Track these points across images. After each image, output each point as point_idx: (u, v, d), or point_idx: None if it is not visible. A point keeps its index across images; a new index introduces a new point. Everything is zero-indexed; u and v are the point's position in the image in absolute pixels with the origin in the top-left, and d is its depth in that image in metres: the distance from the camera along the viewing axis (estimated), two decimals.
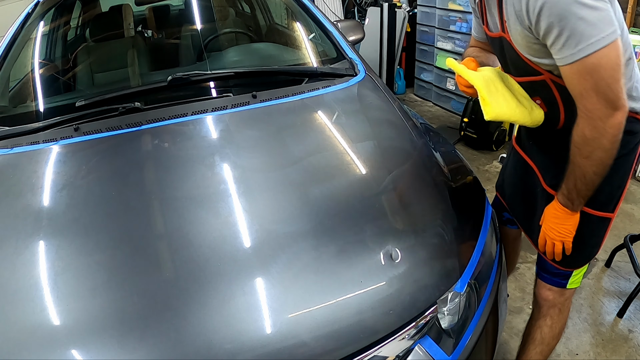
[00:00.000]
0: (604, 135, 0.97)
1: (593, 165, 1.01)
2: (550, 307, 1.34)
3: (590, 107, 0.96)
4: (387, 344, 0.94)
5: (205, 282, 0.95)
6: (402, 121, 1.48)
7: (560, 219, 1.13)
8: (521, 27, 1.01)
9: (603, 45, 0.90)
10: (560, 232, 1.15)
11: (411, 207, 1.18)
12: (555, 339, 1.39)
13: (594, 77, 0.93)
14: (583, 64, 0.93)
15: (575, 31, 0.90)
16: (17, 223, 1.11)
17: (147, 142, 1.35)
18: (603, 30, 0.90)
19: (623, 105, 0.95)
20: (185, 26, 2.27)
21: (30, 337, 0.89)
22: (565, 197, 1.10)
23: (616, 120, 0.95)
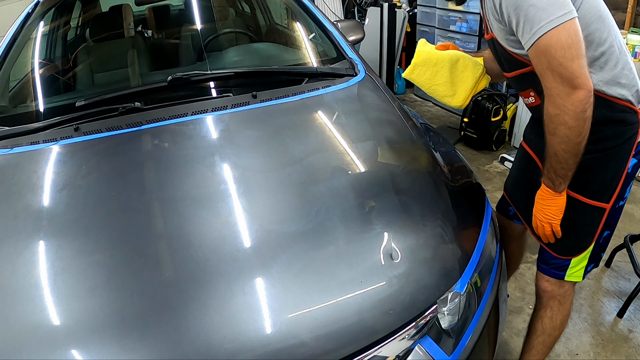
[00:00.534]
0: (566, 112, 1.02)
1: (561, 142, 1.06)
2: (549, 299, 1.37)
3: (549, 85, 1.03)
4: (387, 344, 0.94)
5: (205, 282, 0.95)
6: (402, 121, 1.48)
7: (545, 200, 1.17)
8: (496, 22, 1.12)
9: (552, 27, 0.98)
10: (547, 214, 1.19)
11: (411, 207, 1.18)
12: (557, 329, 1.41)
13: (547, 56, 1.01)
14: (537, 45, 1.01)
15: (528, 17, 1.00)
16: (17, 223, 1.11)
17: (147, 142, 1.35)
18: (552, 13, 0.98)
19: (583, 84, 1.00)
20: (185, 26, 2.27)
21: (30, 337, 0.89)
22: (546, 177, 1.15)
23: (577, 98, 1.00)
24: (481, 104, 3.34)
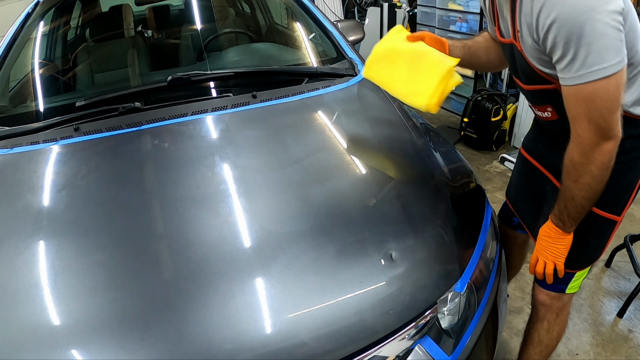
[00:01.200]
0: (593, 162, 0.97)
1: (582, 189, 1.02)
2: (547, 311, 1.33)
3: (581, 132, 0.96)
4: (387, 344, 0.94)
5: (205, 282, 0.95)
6: (402, 121, 1.48)
7: (552, 239, 1.13)
8: (532, 39, 1.00)
9: (603, 75, 0.89)
10: (552, 253, 1.14)
11: (411, 207, 1.18)
12: (554, 340, 1.39)
13: (589, 105, 0.92)
14: (580, 89, 0.92)
15: (578, 56, 0.89)
16: (17, 223, 1.11)
17: (147, 142, 1.35)
18: (607, 59, 0.88)
19: (615, 136, 0.95)
20: (185, 26, 2.27)
21: (30, 337, 0.88)
22: (557, 217, 1.10)
23: (606, 149, 0.95)
24: (481, 104, 3.34)
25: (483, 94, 3.38)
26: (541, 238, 1.16)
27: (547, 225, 1.14)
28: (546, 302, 1.31)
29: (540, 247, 1.17)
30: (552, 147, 1.23)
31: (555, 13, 0.89)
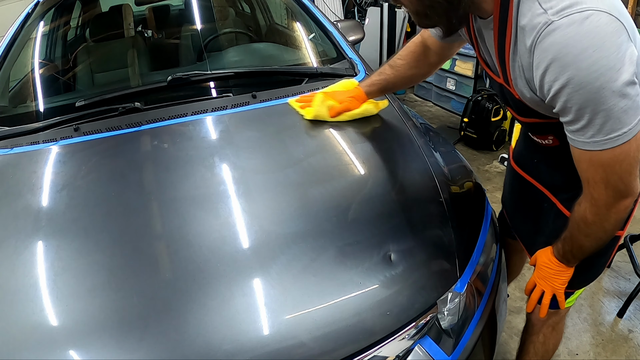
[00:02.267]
0: (607, 220, 0.92)
1: (592, 241, 0.98)
2: (543, 325, 1.31)
3: (597, 196, 0.89)
4: (387, 344, 0.93)
5: (205, 283, 0.95)
6: (402, 121, 1.48)
7: (554, 270, 1.08)
8: (531, 93, 0.89)
9: (623, 141, 0.79)
10: (553, 284, 1.10)
11: (411, 207, 1.18)
12: (550, 352, 1.37)
13: (606, 170, 0.84)
14: (596, 155, 0.83)
15: (594, 123, 0.79)
16: (17, 223, 1.11)
17: (147, 143, 1.35)
18: (627, 123, 0.78)
19: (634, 193, 0.88)
20: (185, 26, 2.27)
21: (30, 337, 0.88)
22: (560, 255, 1.06)
23: (622, 206, 0.90)
24: (481, 104, 3.34)
25: (483, 94, 3.38)
26: (541, 267, 1.10)
27: (548, 257, 1.08)
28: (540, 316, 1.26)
29: (540, 275, 1.11)
30: (551, 166, 1.17)
31: (566, 77, 0.76)
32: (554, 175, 1.16)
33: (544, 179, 1.20)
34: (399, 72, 1.35)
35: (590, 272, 1.19)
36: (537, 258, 1.13)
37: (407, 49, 1.33)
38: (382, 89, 1.41)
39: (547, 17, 0.76)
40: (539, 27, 0.77)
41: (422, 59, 1.32)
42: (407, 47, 1.33)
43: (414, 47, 1.31)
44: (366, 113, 1.43)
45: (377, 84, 1.40)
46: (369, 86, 1.42)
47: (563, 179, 1.13)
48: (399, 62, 1.34)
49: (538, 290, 1.13)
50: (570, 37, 0.74)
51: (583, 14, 0.73)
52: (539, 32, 0.77)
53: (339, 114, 1.39)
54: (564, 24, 0.74)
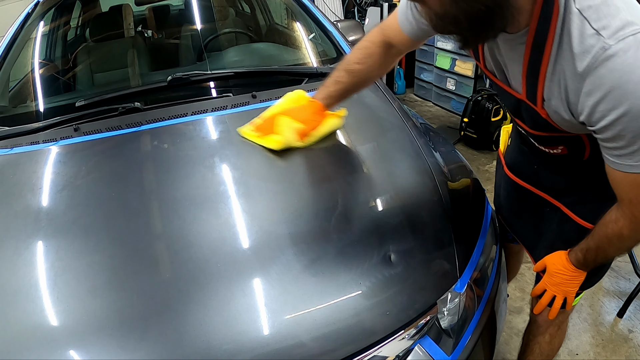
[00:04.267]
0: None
1: (621, 252, 0.99)
2: (549, 326, 1.30)
3: (638, 214, 0.88)
4: (387, 344, 0.93)
5: (205, 283, 0.95)
6: (402, 121, 1.48)
7: (568, 276, 1.07)
8: (569, 116, 0.85)
9: None
10: (565, 289, 1.09)
11: (411, 207, 1.18)
12: (554, 351, 1.37)
13: None
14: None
15: None
16: (17, 223, 1.11)
17: (147, 143, 1.35)
18: None
19: None
20: (185, 26, 2.27)
21: (30, 337, 0.89)
22: (581, 264, 1.04)
23: None
24: (481, 104, 3.34)
25: (483, 94, 3.38)
26: (554, 274, 1.09)
27: (563, 264, 1.07)
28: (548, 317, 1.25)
29: (553, 282, 1.10)
30: (553, 171, 1.16)
31: (626, 106, 0.73)
32: (556, 179, 1.15)
33: (544, 184, 1.19)
34: (358, 78, 1.24)
35: (600, 272, 1.19)
36: (548, 265, 1.11)
37: (365, 51, 1.21)
38: (341, 98, 1.30)
39: (603, 42, 0.71)
40: (595, 53, 0.72)
41: (384, 60, 1.22)
42: (364, 49, 1.21)
43: (374, 48, 1.19)
44: (333, 128, 1.32)
45: (336, 94, 1.28)
46: (327, 98, 1.28)
47: (566, 183, 1.13)
48: (358, 67, 1.22)
49: (549, 295, 1.12)
50: (629, 64, 0.70)
51: (637, 36, 0.70)
52: (595, 59, 0.72)
53: (306, 136, 1.27)
54: (621, 49, 0.70)
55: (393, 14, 1.14)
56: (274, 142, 1.25)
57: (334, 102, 1.30)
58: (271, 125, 1.27)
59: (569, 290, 1.09)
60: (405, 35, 1.12)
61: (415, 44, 1.17)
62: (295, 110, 1.29)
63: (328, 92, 1.28)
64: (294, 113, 1.28)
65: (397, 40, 1.16)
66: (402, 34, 1.12)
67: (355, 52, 1.22)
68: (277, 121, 1.26)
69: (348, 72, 1.23)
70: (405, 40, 1.14)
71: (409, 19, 1.07)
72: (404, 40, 1.14)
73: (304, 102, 1.31)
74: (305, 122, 1.26)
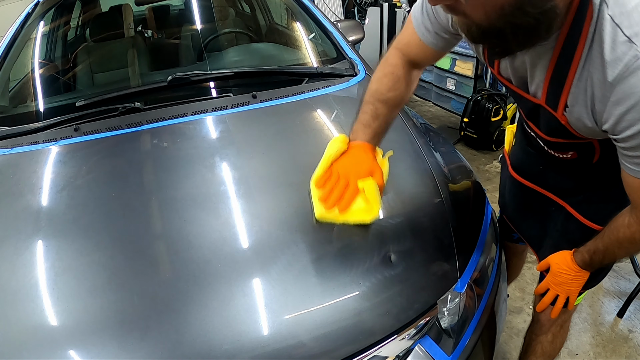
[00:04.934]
0: None
1: (629, 254, 1.00)
2: (552, 325, 1.30)
3: None
4: (387, 344, 0.94)
5: (205, 283, 0.95)
6: (402, 121, 1.48)
7: (572, 276, 1.08)
8: (592, 123, 0.84)
9: None
10: (569, 288, 1.09)
11: (411, 207, 1.18)
12: (557, 350, 1.37)
13: None
14: None
15: None
16: (17, 223, 1.11)
17: (147, 143, 1.35)
18: None
19: None
20: (185, 26, 2.27)
21: (30, 337, 0.89)
22: (587, 264, 1.05)
23: None
24: (481, 104, 3.34)
25: (483, 94, 3.38)
26: (558, 274, 1.09)
27: (566, 264, 1.07)
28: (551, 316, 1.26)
29: (556, 282, 1.10)
30: (560, 173, 1.15)
31: None
32: (562, 180, 1.15)
33: (550, 184, 1.19)
34: (395, 106, 1.15)
35: (602, 273, 1.20)
36: (552, 264, 1.11)
37: (392, 77, 1.12)
38: (385, 132, 1.17)
39: (636, 50, 0.70)
40: (627, 61, 0.71)
41: (412, 79, 1.15)
42: (390, 75, 1.12)
43: (400, 71, 1.12)
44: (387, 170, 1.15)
45: (380, 130, 1.14)
46: (375, 137, 1.14)
47: (573, 184, 1.13)
48: (392, 95, 1.12)
49: (552, 294, 1.13)
50: None
51: None
52: (627, 67, 0.71)
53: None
54: None
55: (406, 31, 1.08)
56: (366, 214, 1.05)
57: (381, 138, 1.16)
58: (340, 190, 1.07)
59: (571, 290, 1.10)
60: (429, 48, 1.06)
61: (440, 54, 1.10)
62: (354, 161, 1.10)
63: (373, 130, 1.13)
64: (355, 165, 1.09)
65: (420, 56, 1.10)
66: (424, 47, 1.06)
67: (383, 81, 1.13)
68: (352, 184, 1.07)
69: (384, 102, 1.12)
70: (429, 53, 1.08)
71: (429, 30, 1.01)
72: (427, 54, 1.08)
73: (345, 147, 1.13)
74: (372, 173, 1.09)
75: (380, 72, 1.13)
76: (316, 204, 1.07)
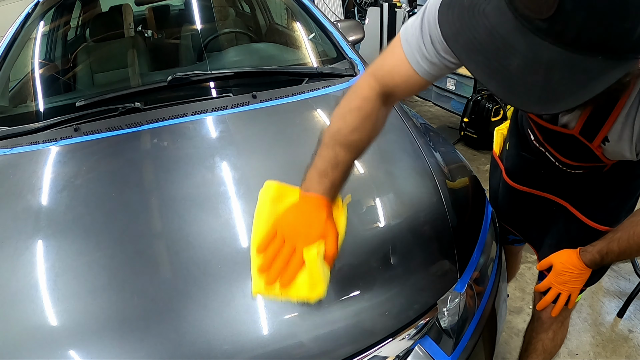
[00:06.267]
0: None
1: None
2: (553, 322, 1.31)
3: None
4: (387, 344, 0.94)
5: (205, 284, 0.95)
6: (402, 121, 1.48)
7: (576, 274, 1.09)
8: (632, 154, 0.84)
9: None
10: (572, 286, 1.11)
11: (410, 207, 1.18)
12: (557, 347, 1.37)
13: None
14: None
15: None
16: (17, 224, 1.11)
17: (147, 143, 1.35)
18: None
19: None
20: (185, 26, 2.27)
21: (30, 338, 0.89)
22: (596, 263, 1.05)
23: None
24: (481, 104, 3.34)
25: (483, 94, 3.38)
26: (562, 272, 1.10)
27: (572, 262, 1.08)
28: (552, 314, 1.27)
29: (560, 280, 1.11)
30: (561, 178, 1.15)
31: None
32: (564, 184, 1.15)
33: (551, 186, 1.19)
34: (358, 149, 0.94)
35: (603, 270, 1.20)
36: (555, 264, 1.12)
37: (359, 114, 0.90)
38: (344, 182, 0.95)
39: None
40: None
41: (383, 115, 0.94)
42: (357, 111, 0.90)
43: (370, 106, 0.91)
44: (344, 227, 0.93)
45: (339, 180, 0.92)
46: (332, 188, 0.91)
47: (575, 187, 1.13)
48: (356, 138, 0.91)
49: (554, 292, 1.14)
50: None
51: None
52: None
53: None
54: None
55: (391, 56, 0.88)
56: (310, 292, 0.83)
57: (339, 189, 0.94)
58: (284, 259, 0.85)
59: (574, 288, 1.11)
60: (419, 78, 0.86)
61: (426, 86, 0.90)
62: (304, 221, 0.87)
63: (331, 181, 0.90)
64: (305, 225, 0.86)
65: (402, 87, 0.89)
66: (414, 77, 0.86)
67: (347, 119, 0.90)
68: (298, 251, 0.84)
69: (346, 147, 0.90)
70: (415, 84, 0.88)
71: (427, 57, 0.82)
72: (413, 85, 0.88)
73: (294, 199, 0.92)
74: (325, 236, 0.85)
75: (345, 107, 0.92)
76: (255, 274, 0.85)
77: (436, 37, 0.79)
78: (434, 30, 0.79)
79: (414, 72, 0.85)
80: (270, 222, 0.89)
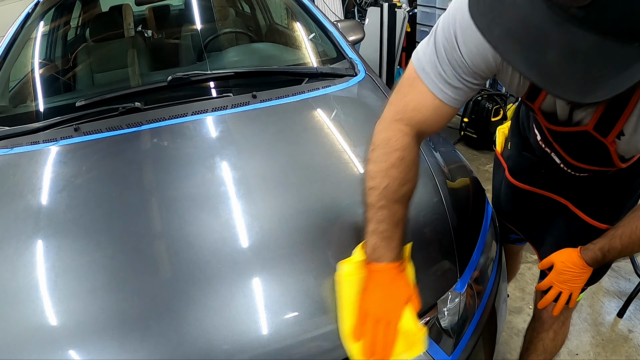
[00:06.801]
0: None
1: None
2: (554, 322, 1.31)
3: None
4: None
5: (205, 284, 0.95)
6: None
7: (577, 273, 1.09)
8: None
9: None
10: (573, 285, 1.11)
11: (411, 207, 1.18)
12: (558, 347, 1.37)
13: None
14: None
15: None
16: (17, 224, 1.11)
17: (147, 143, 1.35)
18: None
19: None
20: (185, 26, 2.27)
21: (30, 338, 0.88)
22: (597, 262, 1.05)
23: None
24: (481, 104, 3.34)
25: (483, 94, 3.38)
26: (563, 271, 1.11)
27: (573, 261, 1.08)
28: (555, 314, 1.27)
29: (561, 279, 1.12)
30: (563, 178, 1.15)
31: None
32: (565, 183, 1.15)
33: (552, 186, 1.19)
34: (410, 197, 0.95)
35: (604, 269, 1.20)
36: (557, 263, 1.12)
37: (404, 164, 0.89)
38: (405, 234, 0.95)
39: None
40: None
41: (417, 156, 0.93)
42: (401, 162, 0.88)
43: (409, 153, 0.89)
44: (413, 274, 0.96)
45: (402, 235, 0.93)
46: (399, 247, 0.92)
47: (576, 186, 1.13)
48: (406, 189, 0.91)
49: (555, 291, 1.14)
50: None
51: None
52: None
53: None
54: None
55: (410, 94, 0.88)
56: (410, 354, 0.86)
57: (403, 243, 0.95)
58: (383, 337, 0.86)
59: (575, 287, 1.11)
60: (447, 107, 0.86)
61: (455, 112, 0.91)
62: (387, 294, 0.89)
63: (397, 242, 0.91)
64: (390, 299, 0.88)
65: (432, 120, 0.89)
66: (442, 107, 0.86)
67: (392, 174, 0.88)
68: (393, 323, 0.86)
69: (399, 201, 0.90)
70: (446, 114, 0.88)
71: (450, 82, 0.83)
72: (444, 115, 0.88)
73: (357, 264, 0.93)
74: (410, 299, 0.90)
75: (384, 163, 0.88)
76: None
77: (455, 59, 0.79)
78: (451, 52, 0.79)
79: (440, 101, 0.84)
80: (355, 306, 0.89)
